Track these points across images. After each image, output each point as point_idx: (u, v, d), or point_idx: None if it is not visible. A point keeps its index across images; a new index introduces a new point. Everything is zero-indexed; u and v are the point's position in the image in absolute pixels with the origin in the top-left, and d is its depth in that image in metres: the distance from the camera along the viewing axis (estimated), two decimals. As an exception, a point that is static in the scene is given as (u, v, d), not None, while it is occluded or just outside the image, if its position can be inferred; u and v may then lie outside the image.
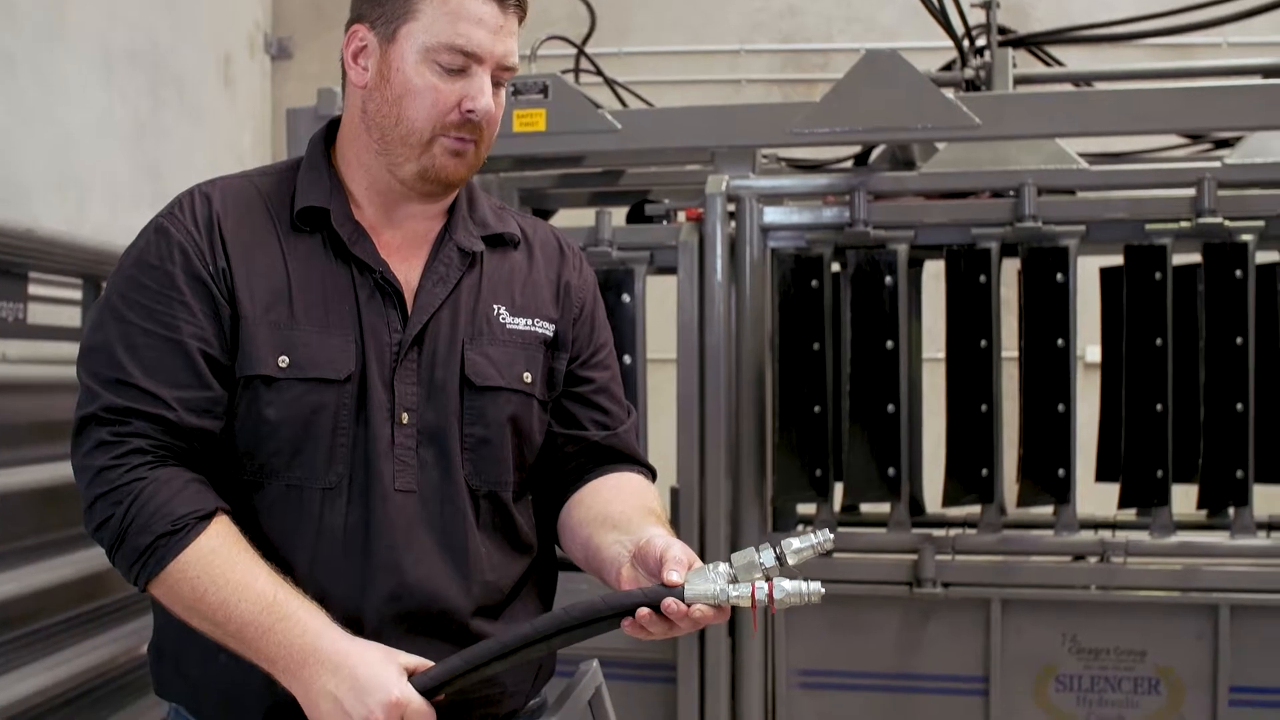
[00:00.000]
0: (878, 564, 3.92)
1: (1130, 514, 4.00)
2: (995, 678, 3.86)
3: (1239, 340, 3.69)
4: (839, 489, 3.99)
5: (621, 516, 1.87)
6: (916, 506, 4.19)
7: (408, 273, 1.88)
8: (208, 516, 1.73)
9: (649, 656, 3.98)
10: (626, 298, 3.93)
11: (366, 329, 1.83)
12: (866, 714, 3.97)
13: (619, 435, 2.03)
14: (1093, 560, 3.85)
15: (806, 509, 4.15)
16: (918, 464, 4.17)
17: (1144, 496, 3.78)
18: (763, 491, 3.97)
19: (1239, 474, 3.70)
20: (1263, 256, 3.84)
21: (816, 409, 3.85)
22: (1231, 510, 3.80)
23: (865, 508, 4.26)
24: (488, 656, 1.67)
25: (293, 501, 1.79)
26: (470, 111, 1.81)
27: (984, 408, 3.79)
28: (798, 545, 1.66)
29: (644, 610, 1.64)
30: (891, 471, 3.83)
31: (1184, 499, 3.82)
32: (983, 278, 3.79)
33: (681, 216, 4.13)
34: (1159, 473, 3.71)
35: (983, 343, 3.80)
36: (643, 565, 1.73)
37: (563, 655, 1.77)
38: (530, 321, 1.95)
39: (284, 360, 1.79)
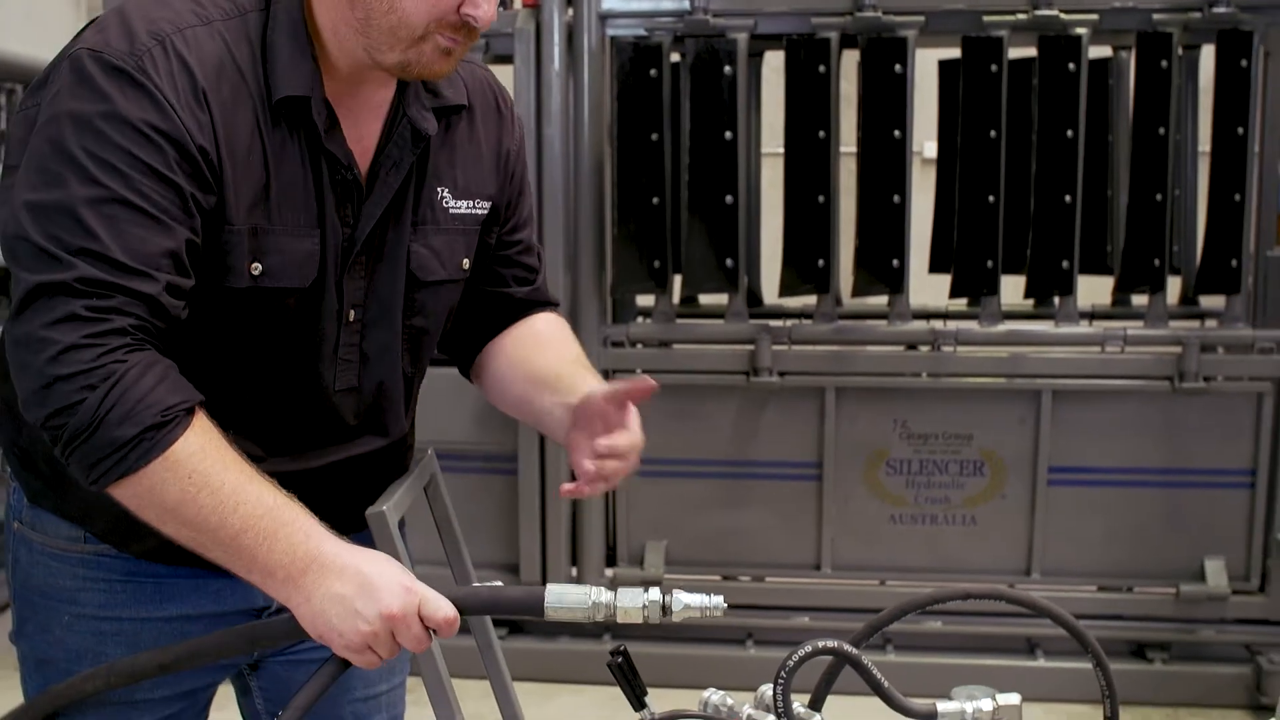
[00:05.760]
0: (715, 354, 3.98)
1: (961, 304, 4.10)
2: (829, 463, 3.98)
3: (1070, 134, 3.75)
4: (678, 280, 4.00)
5: (552, 374, 1.89)
6: (754, 298, 4.24)
7: (361, 151, 1.73)
8: (192, 410, 1.56)
9: (489, 449, 4.00)
10: (462, 87, 3.83)
11: (328, 229, 1.69)
12: (705, 501, 4.08)
13: (539, 289, 2.01)
14: (924, 349, 3.96)
15: (645, 300, 4.17)
16: (755, 256, 4.20)
17: (974, 287, 3.87)
18: (602, 283, 3.97)
19: (1065, 264, 3.81)
20: (1096, 52, 3.89)
21: (655, 200, 3.84)
22: (1057, 299, 3.92)
23: (703, 299, 4.29)
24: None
25: (227, 399, 1.67)
26: (471, 17, 1.62)
27: (821, 199, 3.82)
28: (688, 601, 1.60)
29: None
30: (729, 263, 3.86)
31: (1012, 290, 3.93)
32: (822, 68, 3.78)
33: (518, 3, 4.01)
34: (989, 263, 3.80)
35: (821, 134, 3.80)
36: (586, 427, 1.82)
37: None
38: (471, 203, 1.85)
39: (257, 268, 1.64)
